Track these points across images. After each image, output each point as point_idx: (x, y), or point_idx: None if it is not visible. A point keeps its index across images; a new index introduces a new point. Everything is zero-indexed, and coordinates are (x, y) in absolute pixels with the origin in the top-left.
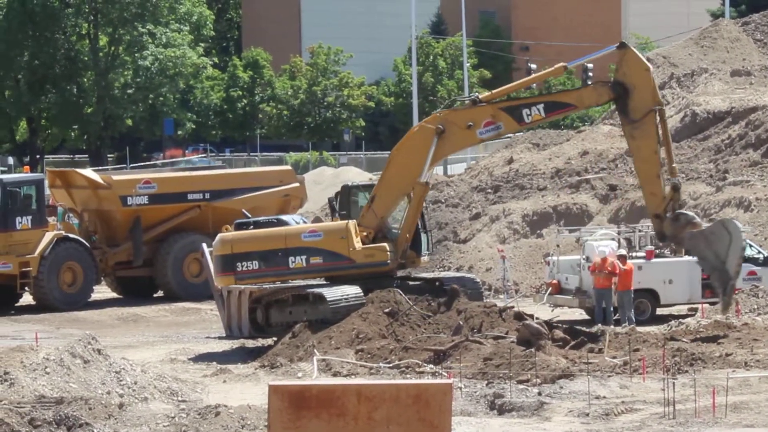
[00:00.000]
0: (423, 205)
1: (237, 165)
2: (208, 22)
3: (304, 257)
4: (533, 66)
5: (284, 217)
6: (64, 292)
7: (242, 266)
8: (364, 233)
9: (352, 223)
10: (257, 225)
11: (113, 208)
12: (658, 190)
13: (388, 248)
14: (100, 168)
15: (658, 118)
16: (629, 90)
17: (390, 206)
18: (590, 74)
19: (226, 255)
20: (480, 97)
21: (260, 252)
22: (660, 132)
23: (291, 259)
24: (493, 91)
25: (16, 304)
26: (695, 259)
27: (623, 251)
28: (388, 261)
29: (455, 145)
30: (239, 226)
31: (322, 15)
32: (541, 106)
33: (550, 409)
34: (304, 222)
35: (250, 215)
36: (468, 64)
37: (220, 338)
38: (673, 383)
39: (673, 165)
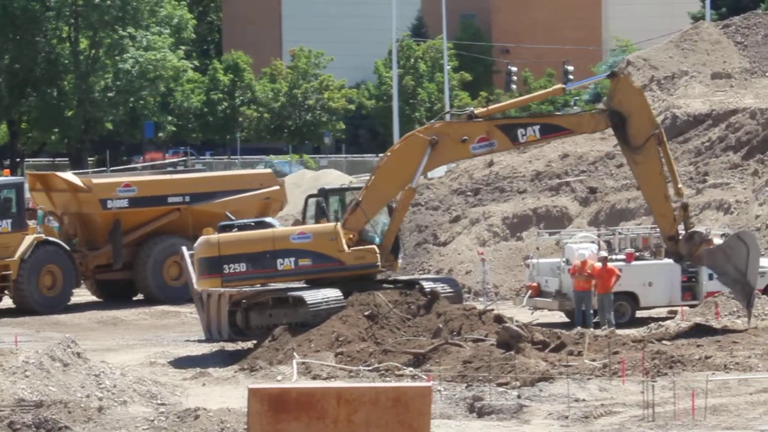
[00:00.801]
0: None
1: (218, 168)
2: (188, 25)
3: (292, 259)
4: (514, 69)
5: (268, 220)
6: (43, 296)
7: (229, 268)
8: (349, 236)
9: (340, 226)
10: (240, 228)
11: (93, 212)
12: (668, 211)
13: (376, 250)
14: (81, 171)
15: (657, 140)
16: (626, 118)
17: (376, 211)
18: (571, 77)
19: (212, 257)
20: (476, 112)
21: (248, 254)
22: (662, 154)
23: (279, 261)
24: (489, 107)
25: None
26: (712, 272)
27: (604, 253)
28: (378, 263)
29: (447, 157)
30: (223, 229)
31: (303, 18)
32: (536, 128)
33: (529, 411)
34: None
35: (234, 218)
36: (449, 67)
37: (199, 341)
38: (653, 386)
39: (679, 186)
